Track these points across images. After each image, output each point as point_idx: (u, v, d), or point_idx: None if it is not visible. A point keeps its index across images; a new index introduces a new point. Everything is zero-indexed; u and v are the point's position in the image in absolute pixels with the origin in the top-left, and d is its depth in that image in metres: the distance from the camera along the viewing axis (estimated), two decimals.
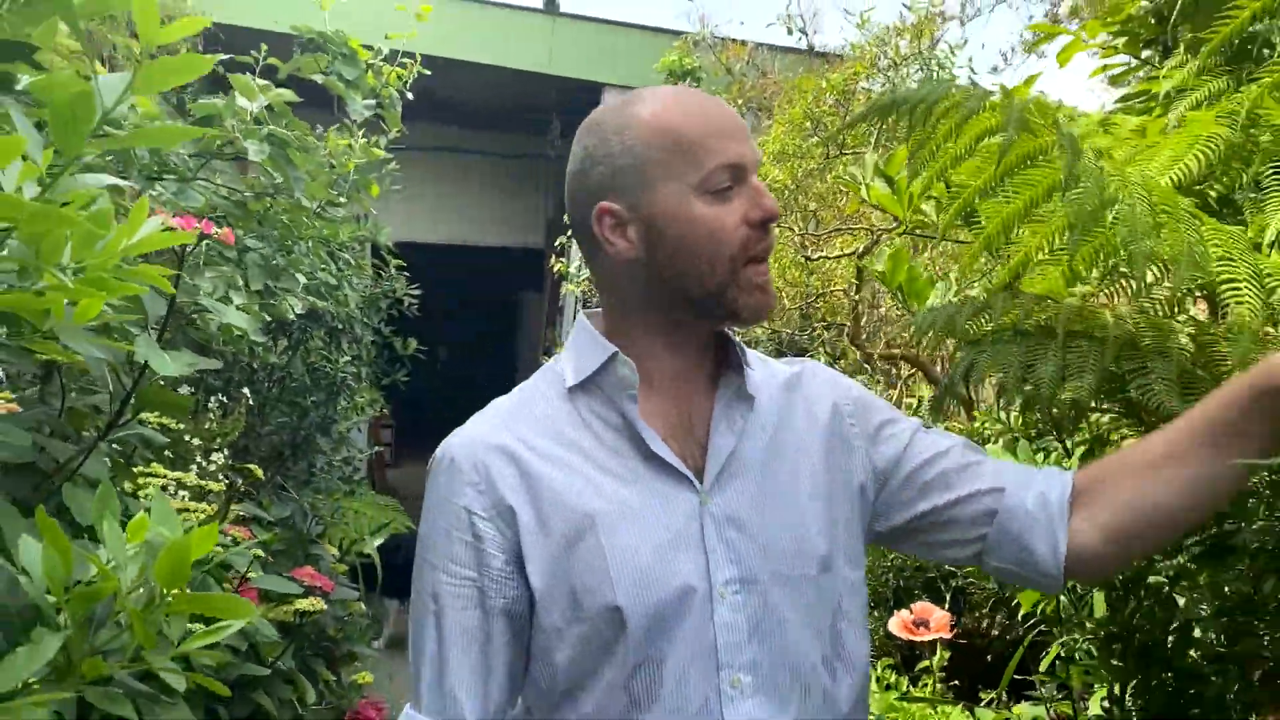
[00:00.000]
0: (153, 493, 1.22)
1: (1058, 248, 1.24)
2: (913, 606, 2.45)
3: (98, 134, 0.76)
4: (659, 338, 0.98)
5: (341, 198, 2.51)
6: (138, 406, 1.54)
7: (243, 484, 2.36)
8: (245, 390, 2.73)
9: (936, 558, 1.07)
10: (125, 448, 1.74)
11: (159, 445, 1.58)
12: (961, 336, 1.29)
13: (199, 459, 2.07)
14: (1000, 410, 2.14)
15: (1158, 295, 1.32)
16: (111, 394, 1.57)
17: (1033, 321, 1.21)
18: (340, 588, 2.54)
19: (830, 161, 3.82)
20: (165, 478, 1.55)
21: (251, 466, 2.09)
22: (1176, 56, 1.78)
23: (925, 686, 2.55)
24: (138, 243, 0.85)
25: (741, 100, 5.37)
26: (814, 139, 3.93)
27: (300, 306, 1.83)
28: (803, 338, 4.31)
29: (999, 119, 1.09)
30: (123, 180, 1.26)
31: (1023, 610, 1.95)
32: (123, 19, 2.65)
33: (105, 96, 0.75)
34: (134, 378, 1.53)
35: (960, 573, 2.87)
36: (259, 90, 1.75)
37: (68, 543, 0.91)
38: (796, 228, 4.04)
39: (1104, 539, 0.96)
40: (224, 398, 2.78)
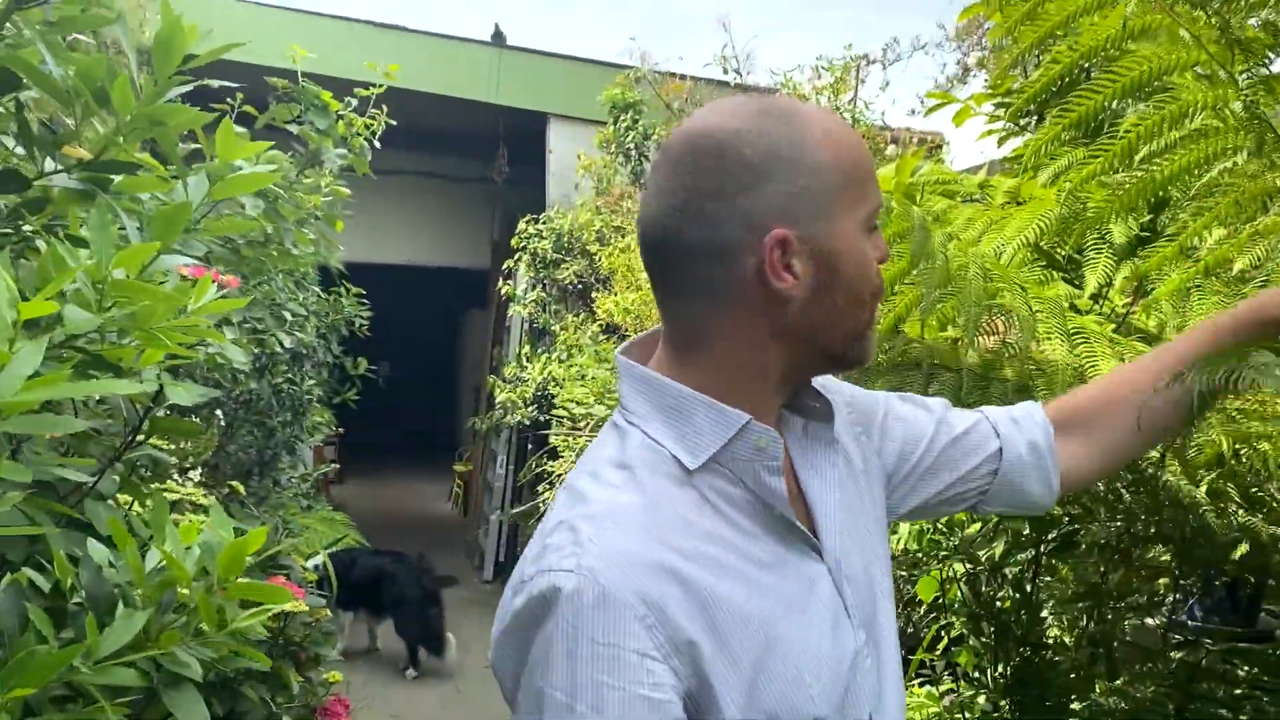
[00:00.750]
0: (153, 505, 1.44)
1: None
2: None
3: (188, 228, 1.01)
4: (772, 388, 0.86)
5: (311, 235, 2.73)
6: (150, 431, 1.77)
7: (221, 499, 2.58)
8: (219, 412, 2.93)
9: (931, 515, 1.08)
10: (127, 465, 1.95)
11: (167, 465, 1.80)
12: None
13: (175, 476, 2.29)
14: None
15: (1010, 340, 1.64)
16: (126, 420, 1.79)
17: (907, 357, 1.52)
18: (309, 595, 2.76)
19: None
20: (178, 493, 1.77)
21: (234, 484, 2.31)
22: (1042, 129, 2.11)
23: None
24: (203, 306, 1.10)
25: None
26: None
27: (289, 341, 2.05)
28: None
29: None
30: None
31: (924, 604, 2.25)
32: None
33: (192, 196, 0.99)
34: (146, 406, 1.75)
35: None
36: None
37: (134, 542, 1.15)
38: None
39: (1095, 462, 1.06)
40: (195, 418, 2.98)
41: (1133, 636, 1.95)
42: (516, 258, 6.88)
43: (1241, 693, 1.68)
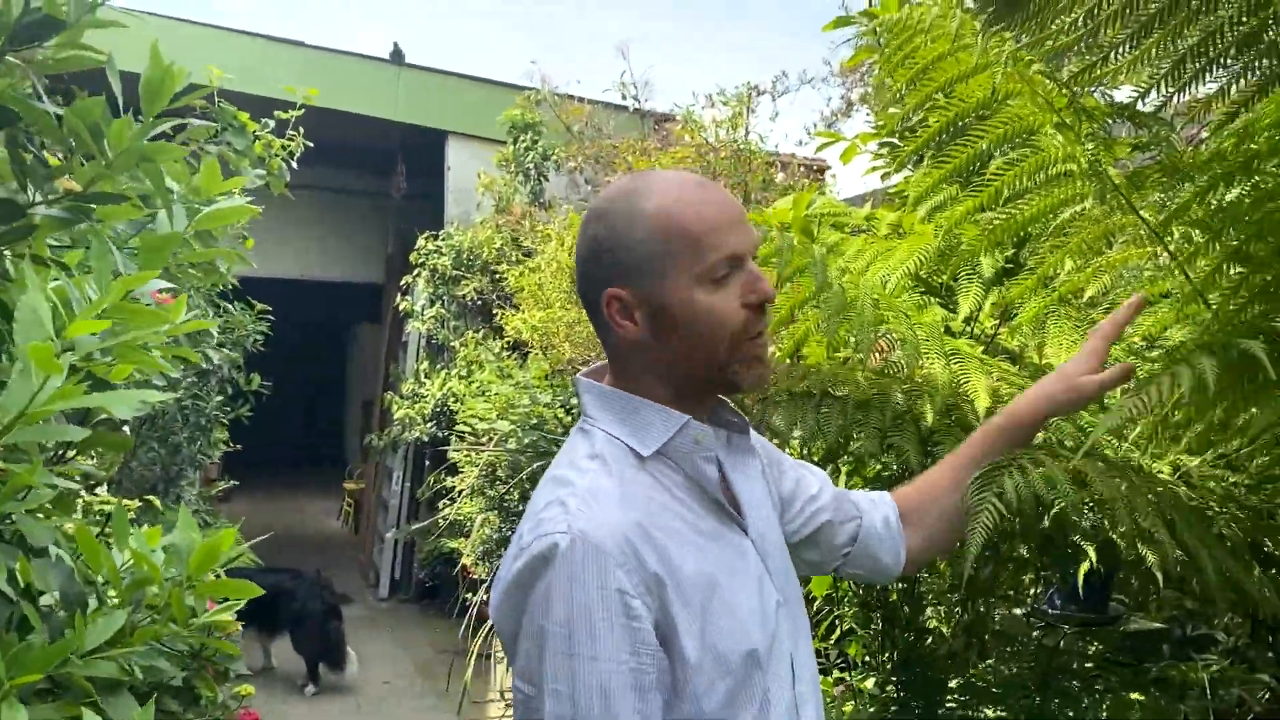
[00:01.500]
0: (114, 512, 1.50)
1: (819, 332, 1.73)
2: None
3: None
4: (683, 405, 1.04)
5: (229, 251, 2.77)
6: (81, 446, 1.81)
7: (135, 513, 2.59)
8: (125, 428, 2.92)
9: (802, 572, 1.23)
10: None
11: (98, 479, 1.85)
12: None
13: (83, 492, 2.30)
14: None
15: (895, 360, 1.84)
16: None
17: (801, 386, 1.70)
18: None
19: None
20: (111, 504, 1.82)
21: (152, 498, 2.33)
22: (922, 171, 2.34)
23: None
24: (179, 326, 1.19)
25: (582, 157, 5.84)
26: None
27: (218, 358, 2.11)
28: None
29: (772, 247, 1.56)
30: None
31: (816, 599, 2.44)
32: None
33: (176, 227, 1.09)
34: (78, 419, 1.80)
35: None
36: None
37: (101, 548, 1.23)
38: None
39: (924, 547, 1.28)
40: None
41: (1001, 624, 2.18)
42: (415, 273, 6.89)
43: (1092, 668, 1.92)
